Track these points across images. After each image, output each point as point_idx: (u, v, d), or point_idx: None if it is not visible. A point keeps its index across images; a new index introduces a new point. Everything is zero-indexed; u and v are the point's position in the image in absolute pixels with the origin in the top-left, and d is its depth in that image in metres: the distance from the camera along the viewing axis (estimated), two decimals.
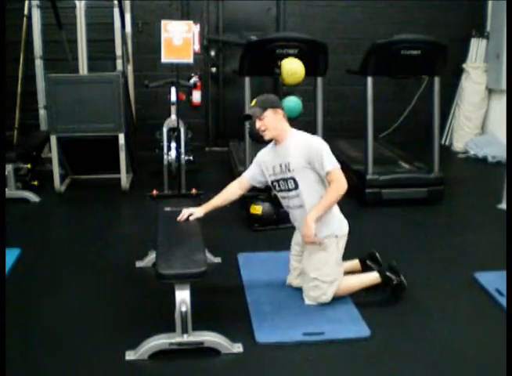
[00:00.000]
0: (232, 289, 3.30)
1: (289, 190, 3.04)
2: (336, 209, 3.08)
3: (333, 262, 3.04)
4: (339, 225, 3.07)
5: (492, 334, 2.83)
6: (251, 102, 3.14)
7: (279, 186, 3.08)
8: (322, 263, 3.03)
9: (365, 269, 3.33)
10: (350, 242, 3.31)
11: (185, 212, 3.18)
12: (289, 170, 2.99)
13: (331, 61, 4.74)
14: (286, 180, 3.03)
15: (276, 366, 2.61)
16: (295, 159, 2.97)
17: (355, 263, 3.38)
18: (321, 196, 2.97)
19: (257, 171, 3.18)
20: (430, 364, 2.59)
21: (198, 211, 3.16)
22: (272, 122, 3.00)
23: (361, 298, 3.13)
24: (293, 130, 3.09)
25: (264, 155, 3.19)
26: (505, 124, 5.27)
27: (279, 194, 3.14)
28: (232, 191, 3.24)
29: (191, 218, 3.12)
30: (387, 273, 3.16)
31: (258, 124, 3.02)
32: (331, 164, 2.89)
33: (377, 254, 3.35)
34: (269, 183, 3.15)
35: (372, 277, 3.17)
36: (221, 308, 3.08)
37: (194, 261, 2.58)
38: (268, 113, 3.00)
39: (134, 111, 6.24)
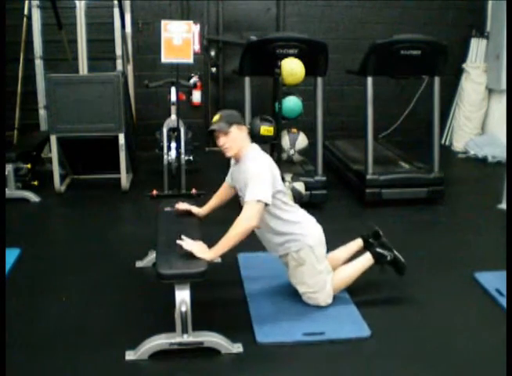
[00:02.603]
0: (232, 289, 3.30)
1: None
2: (299, 221, 2.94)
3: (315, 273, 2.97)
4: (308, 236, 2.94)
5: (491, 333, 2.83)
6: (214, 117, 2.95)
7: (241, 202, 2.90)
8: (305, 277, 2.98)
9: (367, 246, 3.23)
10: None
11: (183, 205, 3.20)
12: (242, 193, 2.86)
13: (331, 61, 4.74)
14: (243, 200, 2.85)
15: (276, 366, 2.61)
16: (242, 184, 2.86)
17: (358, 242, 3.29)
18: (281, 218, 2.86)
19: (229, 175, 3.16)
20: (430, 364, 2.59)
21: (196, 209, 3.19)
22: (236, 139, 2.88)
23: (361, 298, 3.13)
24: (250, 149, 2.93)
25: (231, 166, 3.14)
26: (505, 124, 5.28)
27: None
28: (226, 191, 3.24)
29: (191, 210, 3.16)
30: (378, 250, 3.11)
31: (223, 140, 2.88)
32: (252, 194, 2.68)
33: (380, 232, 3.24)
34: None
35: (365, 260, 3.11)
36: (221, 308, 3.08)
37: (194, 261, 2.58)
38: (234, 129, 2.86)
39: (134, 111, 6.24)
